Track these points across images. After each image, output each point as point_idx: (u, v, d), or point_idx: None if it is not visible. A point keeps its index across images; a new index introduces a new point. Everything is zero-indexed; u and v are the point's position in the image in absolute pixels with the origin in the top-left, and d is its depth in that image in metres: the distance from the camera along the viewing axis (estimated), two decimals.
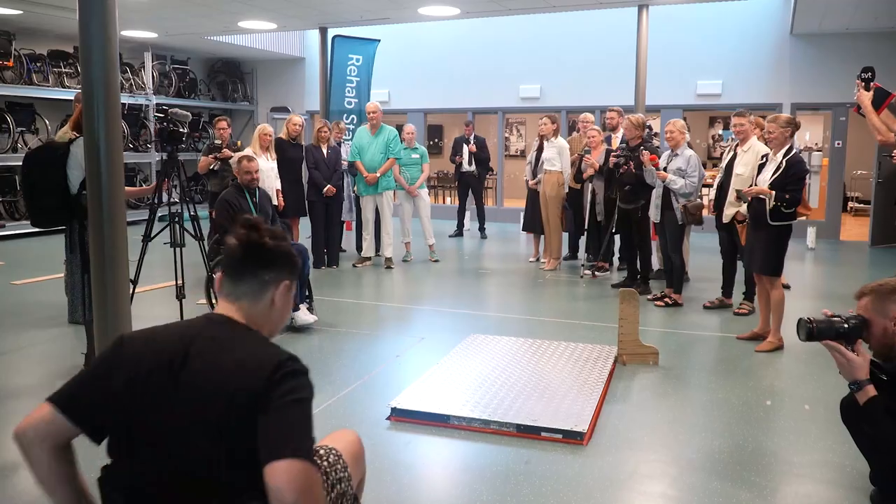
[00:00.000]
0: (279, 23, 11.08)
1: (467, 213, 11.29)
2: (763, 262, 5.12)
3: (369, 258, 8.42)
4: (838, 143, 11.02)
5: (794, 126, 5.05)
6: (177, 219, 4.61)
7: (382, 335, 5.56)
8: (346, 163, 8.51)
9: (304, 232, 8.46)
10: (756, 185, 5.16)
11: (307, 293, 5.79)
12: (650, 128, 7.93)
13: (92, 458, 1.68)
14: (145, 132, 12.80)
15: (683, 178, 6.18)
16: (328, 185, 7.93)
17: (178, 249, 4.58)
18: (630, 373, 4.63)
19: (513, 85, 12.73)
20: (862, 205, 14.04)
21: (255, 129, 7.62)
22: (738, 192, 5.46)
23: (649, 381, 4.50)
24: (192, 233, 4.82)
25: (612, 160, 6.96)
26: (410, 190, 8.57)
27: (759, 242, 5.11)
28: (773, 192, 4.92)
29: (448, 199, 14.88)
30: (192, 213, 4.83)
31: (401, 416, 3.80)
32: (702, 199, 6.63)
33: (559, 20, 11.82)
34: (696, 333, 5.62)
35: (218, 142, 7.51)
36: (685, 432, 3.72)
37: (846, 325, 2.55)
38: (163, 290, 6.62)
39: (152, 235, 4.75)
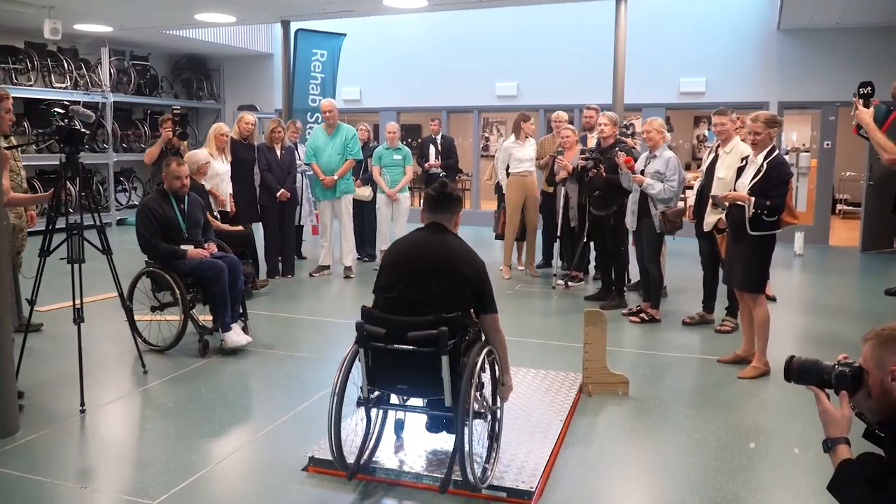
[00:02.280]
0: (238, 16, 10.43)
1: None
2: (743, 276, 4.58)
3: (327, 266, 7.83)
4: (827, 144, 10.52)
5: (777, 125, 4.52)
6: (76, 230, 3.99)
7: (326, 358, 4.96)
8: (301, 163, 7.93)
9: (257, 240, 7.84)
10: (735, 189, 4.62)
11: (241, 311, 5.20)
12: (632, 125, 7.38)
13: None
14: (102, 132, 12.14)
15: (662, 181, 5.63)
16: (282, 190, 7.33)
17: (76, 266, 3.95)
18: (596, 406, 4.07)
19: (489, 83, 12.16)
20: (851, 207, 13.58)
21: None
22: (713, 197, 4.92)
23: (617, 417, 3.94)
24: (100, 246, 4.21)
25: (581, 163, 6.40)
26: (390, 194, 7.98)
27: (739, 254, 4.56)
28: (753, 199, 4.37)
29: (418, 202, 14.28)
30: (97, 224, 4.20)
31: (319, 467, 3.21)
32: (685, 201, 6.07)
33: (536, 15, 11.26)
34: (674, 355, 5.06)
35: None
36: (654, 486, 3.17)
37: (833, 375, 2.09)
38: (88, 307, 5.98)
39: (51, 249, 4.13)
